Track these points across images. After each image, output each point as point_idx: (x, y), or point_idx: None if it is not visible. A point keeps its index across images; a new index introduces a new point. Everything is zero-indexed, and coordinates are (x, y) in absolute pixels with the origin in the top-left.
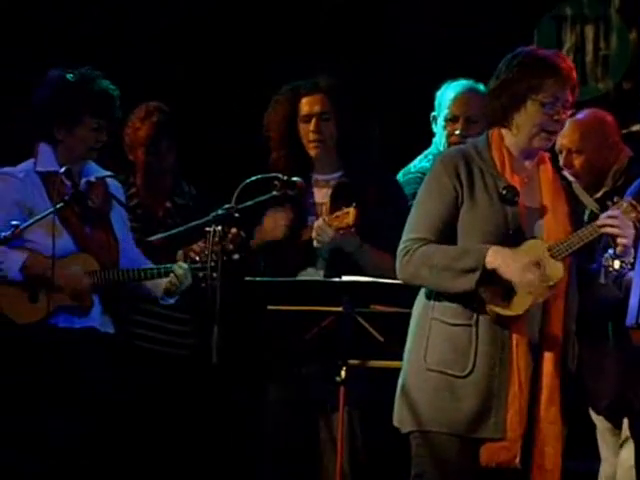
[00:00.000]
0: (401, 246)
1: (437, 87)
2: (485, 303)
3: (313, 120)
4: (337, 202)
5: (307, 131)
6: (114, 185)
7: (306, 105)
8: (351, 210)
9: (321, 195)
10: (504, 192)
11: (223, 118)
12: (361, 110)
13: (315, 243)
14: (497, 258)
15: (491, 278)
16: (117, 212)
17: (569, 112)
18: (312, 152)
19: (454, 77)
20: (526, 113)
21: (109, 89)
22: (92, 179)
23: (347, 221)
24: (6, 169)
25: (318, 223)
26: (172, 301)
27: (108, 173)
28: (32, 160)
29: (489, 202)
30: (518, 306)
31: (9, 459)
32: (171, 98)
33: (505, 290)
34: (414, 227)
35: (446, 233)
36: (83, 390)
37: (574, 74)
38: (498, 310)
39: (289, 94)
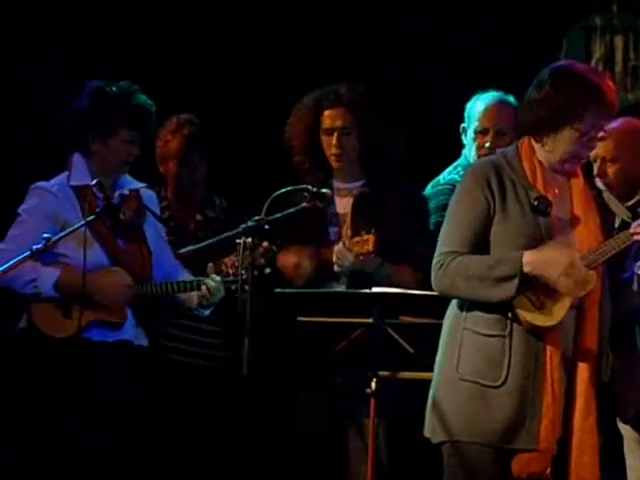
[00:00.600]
0: (435, 259)
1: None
2: (519, 314)
3: (335, 134)
4: (358, 214)
5: (329, 144)
6: (148, 196)
7: (328, 119)
8: (370, 237)
9: (342, 204)
10: (536, 203)
11: (252, 130)
12: (383, 121)
13: (335, 267)
14: (534, 260)
15: (526, 288)
16: (151, 224)
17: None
18: (334, 164)
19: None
20: (562, 137)
21: (146, 104)
22: (125, 192)
23: (367, 248)
24: (40, 183)
25: (338, 248)
26: (207, 312)
27: (142, 185)
28: (66, 173)
29: (521, 213)
30: (553, 316)
31: (41, 470)
32: (198, 109)
33: (540, 300)
34: (447, 240)
35: (479, 245)
36: (115, 403)
37: (616, 99)
38: (533, 320)
39: (311, 105)
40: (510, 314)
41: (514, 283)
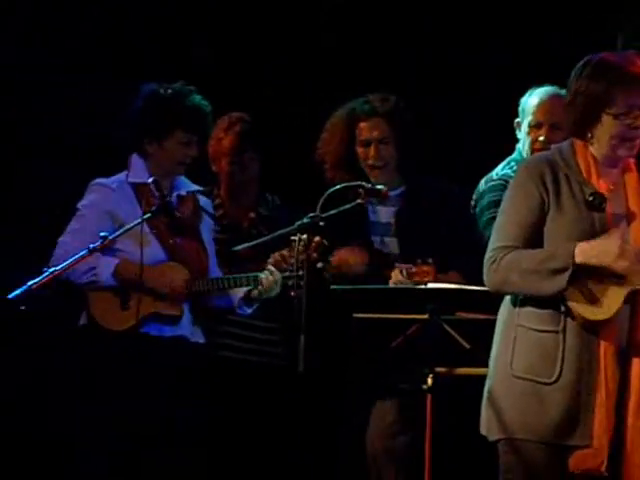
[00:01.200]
0: (488, 255)
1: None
2: (573, 309)
3: (372, 146)
4: (403, 227)
5: (366, 155)
6: (204, 201)
7: (365, 130)
8: (430, 270)
9: (382, 213)
10: (591, 198)
11: (303, 127)
12: (418, 128)
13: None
14: (585, 249)
15: (579, 282)
16: (206, 224)
17: None
18: (373, 178)
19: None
20: (602, 127)
21: (202, 105)
22: (183, 193)
23: (428, 279)
24: (100, 180)
25: (398, 279)
26: (249, 311)
27: (198, 188)
28: (125, 172)
29: (576, 208)
30: (606, 310)
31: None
32: (250, 107)
33: (593, 294)
34: (500, 235)
35: (532, 240)
36: (172, 398)
37: None
38: (586, 315)
39: (345, 118)
40: (563, 309)
41: (566, 275)
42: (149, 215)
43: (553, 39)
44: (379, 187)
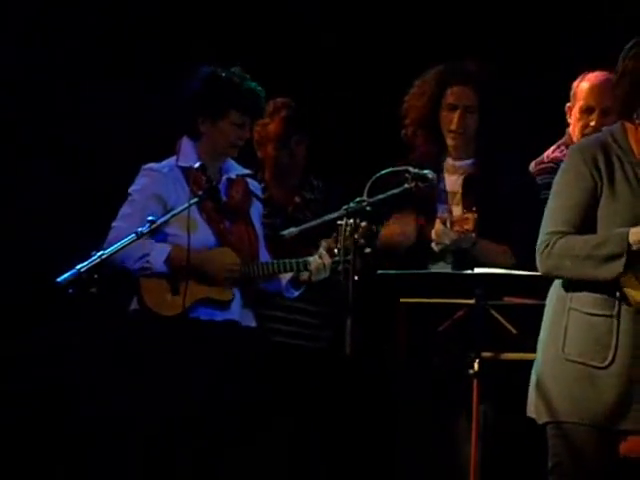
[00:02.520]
0: (541, 239)
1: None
2: (628, 294)
3: (458, 111)
4: (468, 194)
5: (450, 120)
6: (254, 184)
7: (454, 95)
8: (471, 216)
9: (452, 182)
10: None
11: (351, 111)
12: (504, 101)
13: (433, 246)
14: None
15: (635, 266)
16: (256, 209)
17: None
18: (450, 142)
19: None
20: None
21: (257, 89)
22: (232, 176)
23: (467, 226)
24: (151, 165)
25: (438, 228)
26: (296, 293)
27: (248, 171)
28: (174, 156)
29: (630, 191)
30: None
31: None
32: (296, 92)
33: None
34: (553, 220)
35: (586, 224)
36: (222, 382)
37: None
38: None
39: (437, 79)
40: (618, 294)
41: (621, 261)
42: (196, 200)
43: (611, 22)
44: (425, 172)
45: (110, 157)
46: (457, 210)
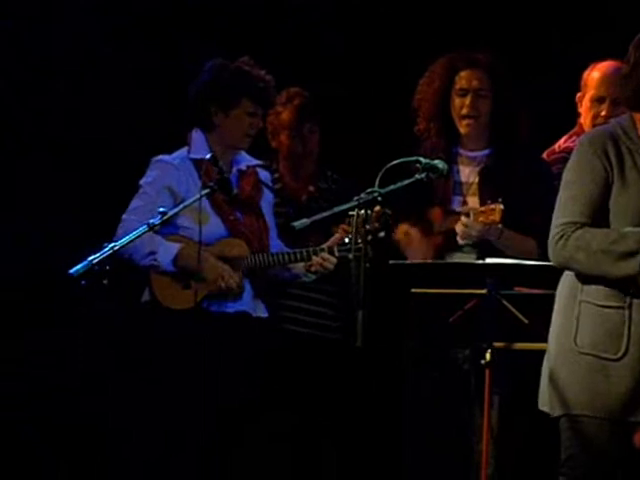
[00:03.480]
0: (555, 230)
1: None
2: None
3: (469, 95)
4: (486, 186)
5: (461, 105)
6: (264, 174)
7: (463, 79)
8: (497, 207)
9: (466, 173)
10: None
11: (363, 101)
12: (516, 87)
13: (460, 239)
14: None
15: None
16: (267, 200)
17: None
18: (463, 129)
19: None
20: None
21: (266, 76)
22: (243, 167)
23: (493, 218)
24: (161, 156)
25: (464, 221)
26: (313, 277)
27: (259, 162)
28: (186, 148)
29: None
30: None
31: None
32: (311, 82)
33: None
34: (566, 211)
35: (598, 214)
36: (235, 372)
37: None
38: None
39: (446, 66)
40: (631, 287)
41: (638, 259)
42: (207, 191)
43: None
44: (436, 162)
45: (121, 149)
46: (473, 201)
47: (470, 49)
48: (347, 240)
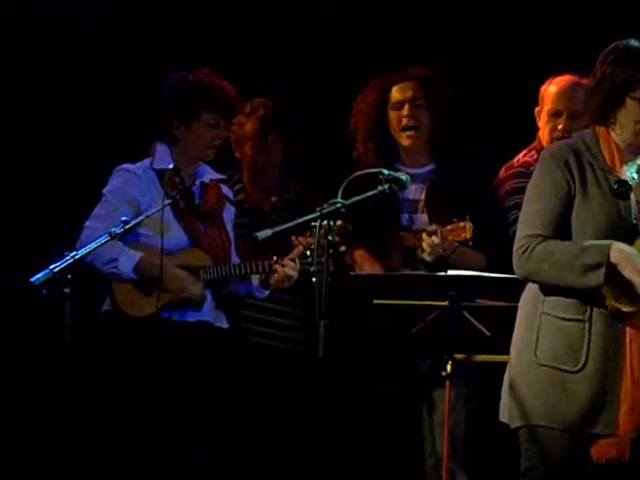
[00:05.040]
0: (519, 243)
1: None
2: (603, 298)
3: (406, 106)
4: (433, 202)
5: (399, 118)
6: (225, 188)
7: (397, 92)
8: (467, 225)
9: (412, 190)
10: (616, 187)
11: (325, 113)
12: (457, 99)
13: (426, 256)
14: (620, 256)
15: (612, 273)
16: (228, 212)
17: None
18: (405, 141)
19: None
20: (626, 111)
21: (227, 87)
22: (206, 180)
23: (465, 235)
24: (126, 165)
25: (433, 241)
26: (267, 293)
27: (221, 176)
28: (149, 159)
29: (602, 196)
30: (637, 301)
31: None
32: (275, 93)
33: (624, 286)
34: (529, 223)
35: (561, 227)
36: (197, 382)
37: None
38: (619, 306)
39: (379, 84)
40: (591, 298)
41: (602, 271)
42: (169, 201)
43: (575, 27)
44: (399, 174)
45: (82, 158)
46: (422, 219)
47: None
48: (309, 253)
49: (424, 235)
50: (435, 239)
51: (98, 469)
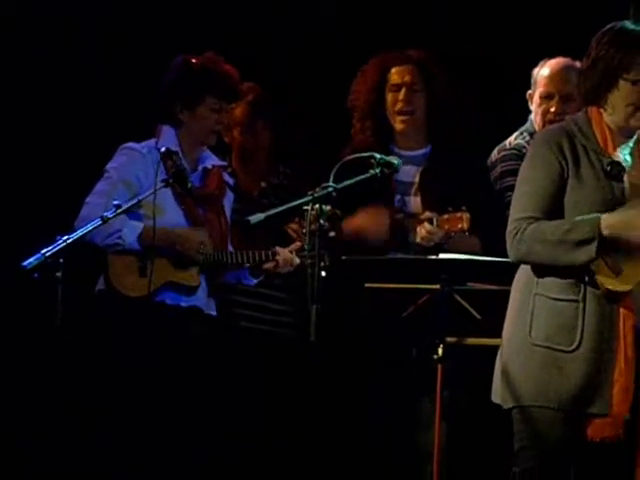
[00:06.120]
0: (511, 226)
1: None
2: (595, 278)
3: (403, 90)
4: (427, 186)
5: (395, 100)
6: (227, 177)
7: (395, 75)
8: (464, 216)
9: (405, 172)
10: (609, 168)
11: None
12: (454, 84)
13: (422, 242)
14: (613, 222)
15: (605, 253)
16: (228, 199)
17: None
18: (399, 125)
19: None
20: (619, 92)
21: (230, 72)
22: (209, 166)
23: (462, 226)
24: (130, 144)
25: (430, 228)
26: (255, 281)
27: (223, 163)
28: (154, 139)
29: (595, 178)
30: (628, 281)
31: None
32: (264, 78)
33: (617, 266)
34: (521, 206)
35: (554, 210)
36: (188, 364)
37: None
38: (610, 285)
39: (378, 64)
40: (586, 278)
41: (594, 245)
42: (162, 185)
43: (565, 10)
44: (390, 158)
45: (75, 144)
46: (415, 201)
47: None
48: (306, 247)
49: (424, 224)
50: (428, 226)
51: (90, 457)
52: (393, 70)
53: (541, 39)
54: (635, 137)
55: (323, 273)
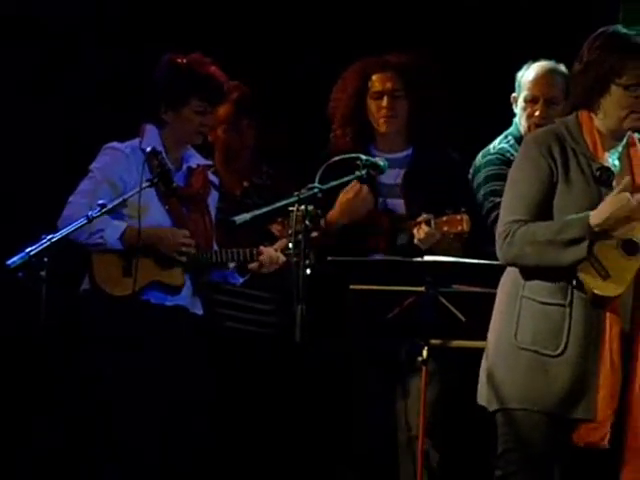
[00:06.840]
0: (501, 229)
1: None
2: (585, 282)
3: (385, 97)
4: (409, 188)
5: (378, 107)
6: (212, 177)
7: (377, 82)
8: (464, 218)
9: (389, 175)
10: (598, 173)
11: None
12: (435, 88)
13: (420, 244)
14: (599, 211)
15: (592, 256)
16: (213, 199)
17: None
18: (382, 128)
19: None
20: (611, 97)
21: (216, 74)
22: (193, 165)
23: (462, 228)
24: (113, 143)
25: (428, 230)
26: (241, 280)
27: (208, 162)
28: (138, 139)
29: (584, 182)
30: (615, 286)
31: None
32: (249, 77)
33: (604, 270)
34: (511, 209)
35: (543, 213)
36: (171, 365)
37: None
38: (597, 289)
39: (358, 71)
40: (573, 282)
41: (584, 245)
42: (147, 184)
43: (551, 14)
44: (376, 160)
45: (59, 140)
46: (398, 204)
47: (383, 53)
48: (291, 245)
49: (422, 226)
50: (427, 227)
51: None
52: (374, 77)
53: (529, 42)
54: (624, 141)
55: (308, 271)
